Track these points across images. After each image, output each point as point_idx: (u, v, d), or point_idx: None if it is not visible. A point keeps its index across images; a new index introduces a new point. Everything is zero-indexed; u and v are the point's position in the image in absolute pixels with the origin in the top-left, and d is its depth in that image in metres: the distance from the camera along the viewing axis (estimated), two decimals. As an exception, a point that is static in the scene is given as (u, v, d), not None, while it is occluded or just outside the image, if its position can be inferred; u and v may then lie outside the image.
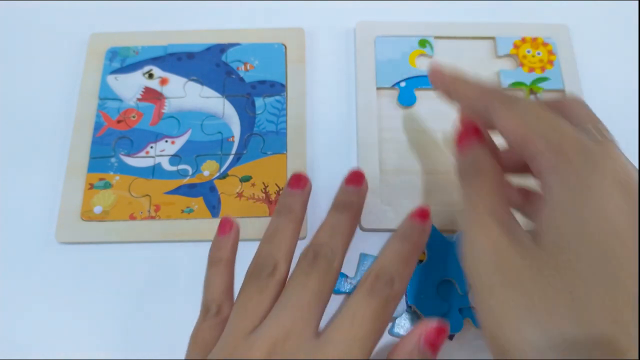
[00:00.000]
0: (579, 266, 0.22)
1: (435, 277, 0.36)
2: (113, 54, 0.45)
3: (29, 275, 0.38)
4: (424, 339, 0.27)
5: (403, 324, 0.36)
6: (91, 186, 0.40)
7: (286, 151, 0.41)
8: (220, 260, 0.33)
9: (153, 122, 0.43)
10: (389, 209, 0.39)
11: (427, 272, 0.36)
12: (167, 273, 0.38)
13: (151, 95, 0.43)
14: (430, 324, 0.27)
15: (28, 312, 0.37)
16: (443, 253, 0.36)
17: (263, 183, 0.40)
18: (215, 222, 0.38)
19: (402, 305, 0.35)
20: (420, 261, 0.36)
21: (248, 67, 0.44)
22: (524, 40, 0.46)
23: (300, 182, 0.35)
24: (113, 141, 0.42)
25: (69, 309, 0.37)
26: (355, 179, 0.35)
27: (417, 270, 0.36)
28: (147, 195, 0.40)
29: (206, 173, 0.41)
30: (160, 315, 0.37)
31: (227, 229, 0.34)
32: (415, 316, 0.36)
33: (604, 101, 0.44)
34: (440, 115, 0.43)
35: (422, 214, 0.32)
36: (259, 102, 0.43)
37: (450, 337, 0.35)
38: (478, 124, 0.30)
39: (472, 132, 0.30)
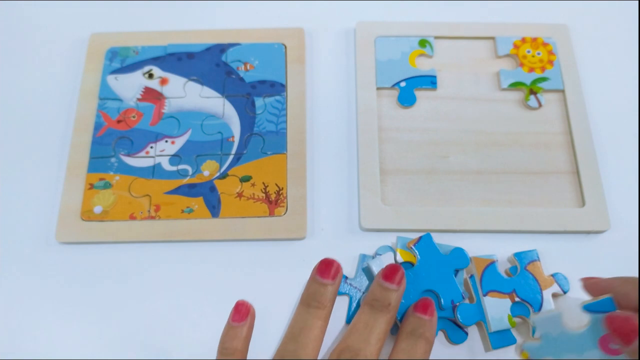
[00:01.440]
0: None
1: (420, 285, 0.36)
2: (113, 54, 0.45)
3: (29, 275, 0.38)
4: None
5: None
6: (91, 186, 0.40)
7: (286, 151, 0.41)
8: (234, 352, 0.31)
9: (153, 122, 0.43)
10: (389, 209, 0.39)
11: (413, 278, 0.36)
12: (167, 273, 0.38)
13: (151, 95, 0.44)
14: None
15: (28, 312, 0.37)
16: (433, 264, 0.36)
17: (263, 183, 0.40)
18: (215, 222, 0.39)
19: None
20: (412, 265, 0.36)
21: (248, 67, 0.44)
22: (524, 40, 0.46)
23: (330, 270, 0.32)
24: (113, 141, 0.42)
25: (69, 309, 0.37)
26: (394, 275, 0.33)
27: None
28: (147, 195, 0.40)
29: (206, 173, 0.41)
30: (160, 315, 0.37)
31: (243, 315, 0.32)
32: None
33: (604, 101, 0.44)
34: (440, 115, 0.43)
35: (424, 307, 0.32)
36: (259, 102, 0.43)
37: None
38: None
39: None
